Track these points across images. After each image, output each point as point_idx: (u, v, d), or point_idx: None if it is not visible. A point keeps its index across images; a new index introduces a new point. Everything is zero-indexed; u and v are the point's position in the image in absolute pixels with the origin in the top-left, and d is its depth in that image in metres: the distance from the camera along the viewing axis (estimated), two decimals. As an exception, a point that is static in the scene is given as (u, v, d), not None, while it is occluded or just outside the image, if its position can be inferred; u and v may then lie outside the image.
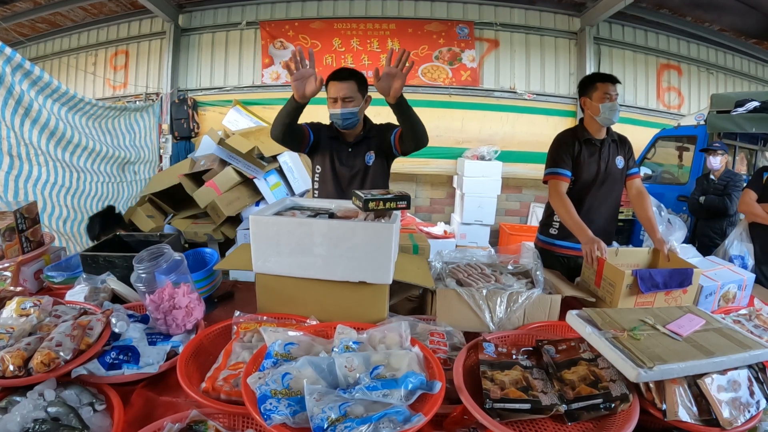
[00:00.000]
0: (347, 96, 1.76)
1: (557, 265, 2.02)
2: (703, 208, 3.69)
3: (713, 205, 3.60)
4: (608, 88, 1.90)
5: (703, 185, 3.78)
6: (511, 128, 5.51)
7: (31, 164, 2.87)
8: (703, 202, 3.67)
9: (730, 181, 3.59)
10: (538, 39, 5.56)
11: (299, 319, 1.26)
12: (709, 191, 3.69)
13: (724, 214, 3.56)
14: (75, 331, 1.03)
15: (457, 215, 5.34)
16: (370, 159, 1.92)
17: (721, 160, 3.65)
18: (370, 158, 1.92)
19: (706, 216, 3.72)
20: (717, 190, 3.64)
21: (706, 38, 5.87)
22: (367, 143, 1.93)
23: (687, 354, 0.96)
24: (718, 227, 3.64)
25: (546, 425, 0.91)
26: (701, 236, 3.72)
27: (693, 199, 3.81)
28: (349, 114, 1.79)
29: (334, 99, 1.77)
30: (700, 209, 3.74)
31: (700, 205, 3.71)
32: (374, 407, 0.82)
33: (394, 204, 1.33)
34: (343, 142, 1.93)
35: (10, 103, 2.61)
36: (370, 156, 1.92)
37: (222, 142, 3.98)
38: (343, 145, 1.93)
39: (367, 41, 5.44)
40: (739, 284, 1.60)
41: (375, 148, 1.92)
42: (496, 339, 1.19)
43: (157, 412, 1.00)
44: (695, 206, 3.78)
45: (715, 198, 3.60)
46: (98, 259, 1.53)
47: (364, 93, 1.83)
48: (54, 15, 5.66)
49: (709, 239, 3.61)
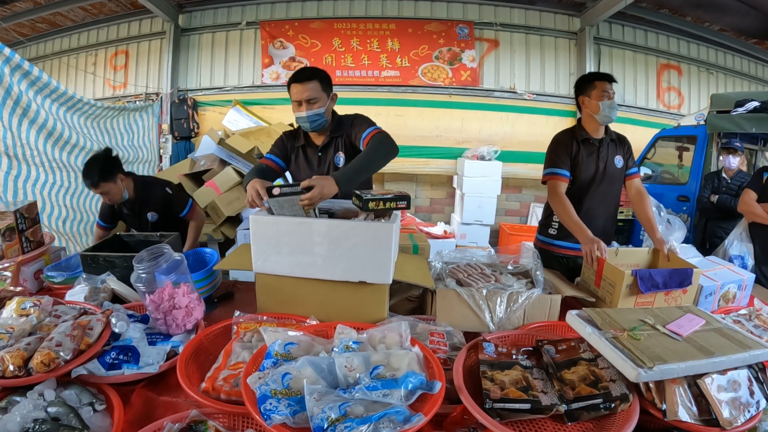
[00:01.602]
0: (311, 97, 1.67)
1: (557, 265, 2.02)
2: (715, 207, 3.62)
3: (726, 206, 3.51)
4: (606, 86, 1.91)
5: (713, 184, 3.70)
6: (511, 128, 5.51)
7: (29, 165, 2.87)
8: (716, 202, 3.60)
9: (744, 182, 3.49)
10: (538, 39, 5.56)
11: (299, 319, 1.26)
12: (720, 191, 3.62)
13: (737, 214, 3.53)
14: (75, 331, 1.03)
15: (457, 215, 5.34)
16: (339, 160, 1.81)
17: (740, 161, 3.61)
18: (339, 159, 1.81)
19: (717, 216, 3.64)
20: (730, 190, 3.56)
21: (706, 38, 5.87)
22: (335, 144, 1.82)
23: (687, 354, 0.96)
24: (730, 228, 3.58)
25: (546, 425, 0.91)
26: (712, 237, 3.64)
27: (703, 199, 3.74)
28: (315, 116, 1.70)
29: (298, 102, 1.69)
30: (712, 209, 3.65)
31: (712, 204, 3.64)
32: (374, 407, 0.82)
33: (394, 204, 1.33)
34: (312, 146, 1.84)
35: (8, 103, 2.60)
36: (339, 157, 1.82)
37: (222, 142, 3.98)
38: (313, 150, 1.84)
39: (367, 41, 5.44)
40: (739, 284, 1.60)
41: (343, 148, 1.81)
42: (496, 339, 1.19)
43: (157, 412, 1.00)
44: (706, 206, 3.70)
45: (729, 198, 3.51)
46: (98, 259, 1.53)
47: (329, 92, 1.75)
48: (54, 15, 5.65)
49: (721, 240, 3.57)
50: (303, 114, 1.69)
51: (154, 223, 2.37)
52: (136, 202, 2.35)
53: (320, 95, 1.70)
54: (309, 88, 1.67)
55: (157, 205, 2.36)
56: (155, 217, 2.36)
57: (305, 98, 1.67)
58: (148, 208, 2.36)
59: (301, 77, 1.68)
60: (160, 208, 2.37)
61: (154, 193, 2.38)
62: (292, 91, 1.70)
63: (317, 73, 1.71)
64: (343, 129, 1.81)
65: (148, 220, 2.36)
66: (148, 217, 2.36)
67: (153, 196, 2.37)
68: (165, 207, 2.38)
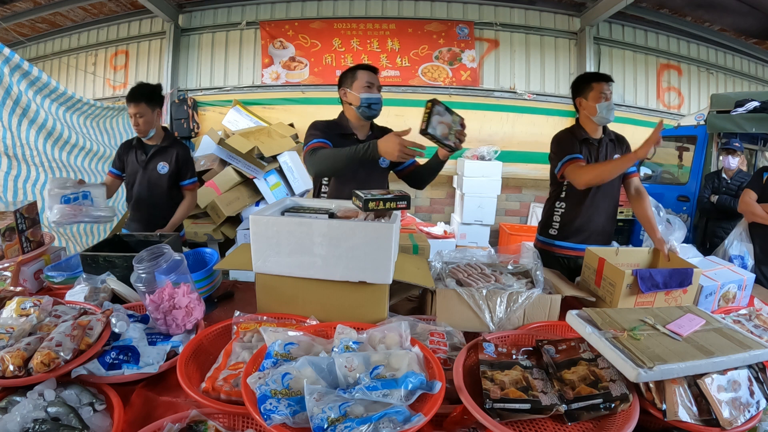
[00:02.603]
0: (380, 85, 1.88)
1: (557, 265, 2.02)
2: (715, 207, 3.63)
3: (726, 206, 3.53)
4: (603, 87, 1.90)
5: (713, 184, 3.71)
6: (511, 128, 5.51)
7: (29, 165, 2.87)
8: (716, 202, 3.61)
9: (744, 182, 3.53)
10: (538, 39, 5.56)
11: (299, 319, 1.26)
12: (720, 191, 3.63)
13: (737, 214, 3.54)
14: (75, 331, 1.03)
15: (457, 215, 5.34)
16: (385, 161, 1.93)
17: (740, 161, 3.62)
18: (384, 160, 1.93)
19: (717, 216, 3.65)
20: (730, 190, 3.58)
21: (706, 38, 5.87)
22: None
23: (687, 354, 0.96)
24: (730, 228, 3.59)
25: (546, 425, 0.91)
26: (712, 237, 3.65)
27: (703, 199, 3.75)
28: (381, 102, 1.89)
29: (370, 84, 1.84)
30: (711, 209, 3.67)
31: (712, 204, 3.65)
32: (374, 407, 0.82)
33: (394, 204, 1.33)
34: (358, 141, 1.89)
35: (8, 103, 2.60)
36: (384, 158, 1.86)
37: (222, 142, 3.98)
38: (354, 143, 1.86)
39: (367, 41, 5.44)
40: (739, 284, 1.60)
41: None
42: (496, 339, 1.19)
43: (157, 412, 1.00)
44: (706, 206, 3.71)
45: (729, 198, 3.53)
46: (98, 259, 1.53)
47: None
48: (54, 15, 5.65)
49: (721, 240, 3.58)
50: (375, 96, 1.86)
51: (159, 177, 2.35)
52: (156, 147, 2.35)
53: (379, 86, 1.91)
54: (378, 79, 1.89)
55: (173, 158, 2.36)
56: (165, 169, 2.35)
57: (378, 84, 1.88)
58: (165, 157, 2.35)
59: (374, 69, 1.90)
60: (174, 164, 2.36)
61: (177, 145, 2.39)
62: (366, 75, 1.85)
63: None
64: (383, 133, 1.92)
65: (158, 171, 2.34)
66: (158, 168, 2.34)
67: (175, 147, 2.38)
68: (177, 164, 2.37)
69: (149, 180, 2.35)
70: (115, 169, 2.45)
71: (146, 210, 2.39)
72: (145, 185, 2.36)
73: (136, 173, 2.37)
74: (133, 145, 2.39)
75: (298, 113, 5.37)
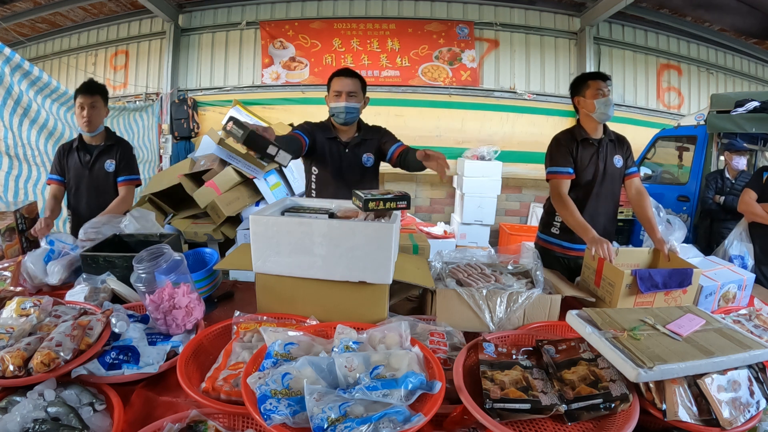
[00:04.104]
0: (352, 91, 1.85)
1: (557, 265, 2.02)
2: (721, 208, 3.61)
3: (733, 206, 3.48)
4: (600, 84, 1.91)
5: (717, 185, 3.70)
6: (511, 128, 5.51)
7: (29, 165, 2.87)
8: (722, 203, 3.59)
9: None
10: (538, 39, 5.56)
11: (299, 319, 1.26)
12: (725, 191, 3.62)
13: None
14: (75, 331, 1.03)
15: (457, 215, 5.34)
16: (369, 161, 2.00)
17: (747, 161, 3.61)
18: (369, 160, 2.00)
19: (723, 217, 3.63)
20: (735, 191, 3.56)
21: (706, 38, 5.87)
22: (365, 145, 2.00)
23: (687, 354, 0.96)
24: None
25: (546, 425, 0.91)
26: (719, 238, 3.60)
27: (707, 199, 3.72)
28: (353, 108, 1.87)
29: (338, 93, 1.85)
30: (717, 210, 3.64)
31: (718, 205, 3.62)
32: (374, 407, 0.82)
33: (394, 204, 1.33)
34: (341, 143, 1.97)
35: (8, 103, 2.61)
36: (368, 158, 2.00)
37: (222, 142, 3.98)
38: (341, 146, 1.97)
39: (367, 41, 5.44)
40: (739, 284, 1.60)
41: (372, 150, 2.01)
42: (496, 339, 1.19)
43: (157, 412, 1.00)
44: (711, 206, 3.68)
45: (736, 199, 3.53)
46: (98, 259, 1.53)
47: (364, 93, 1.95)
48: (54, 15, 5.65)
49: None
50: (341, 104, 1.85)
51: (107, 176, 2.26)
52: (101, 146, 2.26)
53: (359, 92, 1.89)
54: (351, 83, 1.86)
55: (119, 156, 2.28)
56: (113, 167, 2.26)
57: (347, 90, 1.85)
58: (111, 156, 2.27)
59: (345, 72, 1.89)
60: (119, 162, 2.28)
61: (121, 143, 2.33)
62: (335, 83, 1.87)
63: (358, 74, 1.93)
64: (373, 135, 2.01)
65: (105, 169, 2.25)
66: (106, 166, 2.25)
67: (120, 145, 2.31)
68: (121, 162, 2.29)
69: (97, 180, 2.25)
70: (55, 175, 2.28)
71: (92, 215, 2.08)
72: (93, 187, 2.26)
73: (81, 176, 2.25)
74: (74, 147, 2.25)
75: (298, 113, 5.37)
